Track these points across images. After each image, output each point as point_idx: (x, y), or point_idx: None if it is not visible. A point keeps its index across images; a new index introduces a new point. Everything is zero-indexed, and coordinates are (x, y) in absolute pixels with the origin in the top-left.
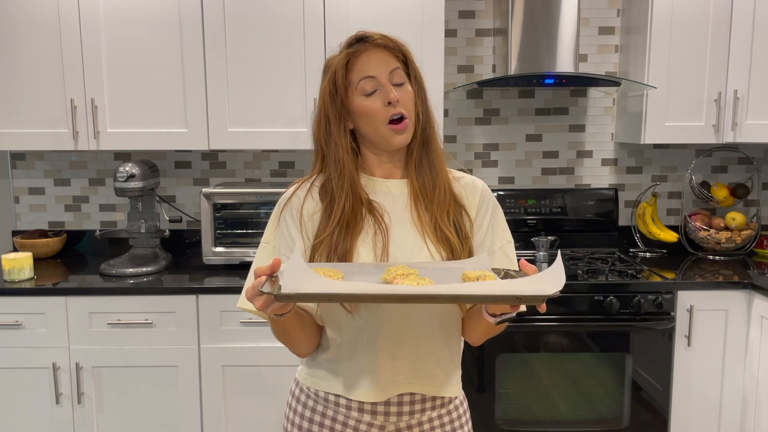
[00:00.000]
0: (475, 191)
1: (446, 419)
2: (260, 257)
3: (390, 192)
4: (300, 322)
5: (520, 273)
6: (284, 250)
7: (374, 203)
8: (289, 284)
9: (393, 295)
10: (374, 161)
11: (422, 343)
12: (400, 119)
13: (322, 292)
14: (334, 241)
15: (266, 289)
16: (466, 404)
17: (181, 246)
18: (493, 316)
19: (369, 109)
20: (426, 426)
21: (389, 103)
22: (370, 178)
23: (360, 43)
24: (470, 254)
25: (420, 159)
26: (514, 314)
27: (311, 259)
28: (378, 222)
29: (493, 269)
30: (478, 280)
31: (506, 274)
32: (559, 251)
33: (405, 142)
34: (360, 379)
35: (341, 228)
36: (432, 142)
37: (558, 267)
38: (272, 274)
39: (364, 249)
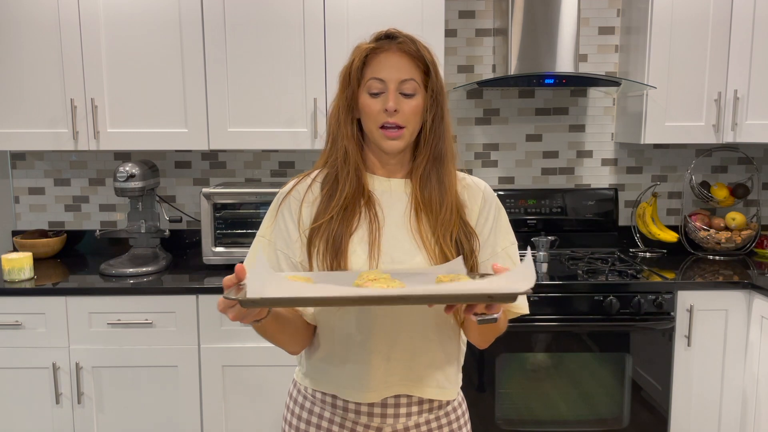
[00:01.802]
0: (478, 193)
1: (444, 421)
2: (254, 250)
3: (390, 190)
4: (281, 325)
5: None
6: (279, 245)
7: (373, 195)
8: (254, 290)
9: (361, 297)
10: (375, 161)
11: (416, 345)
12: (394, 128)
13: (288, 296)
14: (332, 229)
15: (232, 295)
16: (465, 406)
17: (181, 246)
18: (475, 315)
19: (368, 109)
20: (423, 428)
21: (386, 110)
22: (371, 175)
23: (386, 40)
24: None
25: (428, 174)
26: (494, 317)
27: (309, 246)
28: (372, 219)
29: (468, 273)
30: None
31: (482, 277)
32: (529, 249)
33: (395, 149)
34: (353, 380)
35: (339, 213)
36: (445, 160)
37: (528, 265)
38: (239, 282)
39: (360, 246)
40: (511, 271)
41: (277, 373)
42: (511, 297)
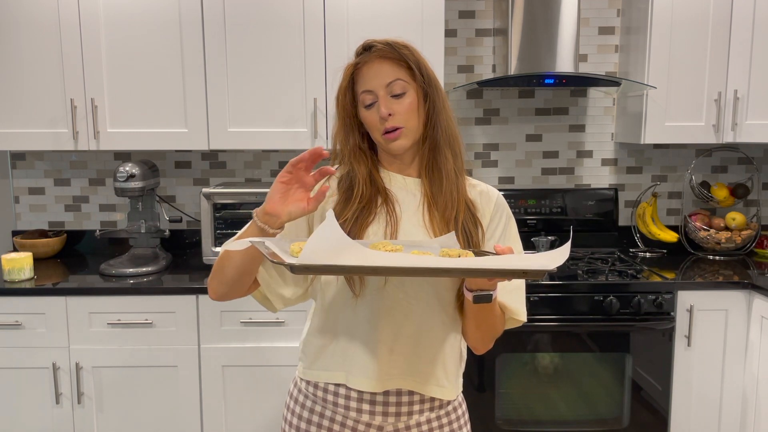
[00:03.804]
0: (490, 200)
1: (444, 421)
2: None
3: (406, 188)
4: (249, 269)
5: (493, 253)
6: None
7: (391, 192)
8: (315, 254)
9: (412, 268)
10: (387, 162)
11: (420, 340)
12: (392, 131)
13: (356, 264)
14: (346, 227)
15: (275, 249)
16: (465, 406)
17: (181, 246)
18: (470, 291)
19: (367, 121)
20: (424, 427)
21: (381, 117)
22: (387, 172)
23: (364, 53)
24: None
25: (431, 163)
26: (490, 293)
27: None
28: (390, 212)
29: (462, 248)
30: (459, 257)
31: (480, 253)
32: (571, 237)
33: (401, 148)
34: (356, 367)
35: (355, 213)
36: (440, 147)
37: (565, 248)
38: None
39: (376, 238)
40: (548, 252)
41: (277, 373)
42: (542, 273)
